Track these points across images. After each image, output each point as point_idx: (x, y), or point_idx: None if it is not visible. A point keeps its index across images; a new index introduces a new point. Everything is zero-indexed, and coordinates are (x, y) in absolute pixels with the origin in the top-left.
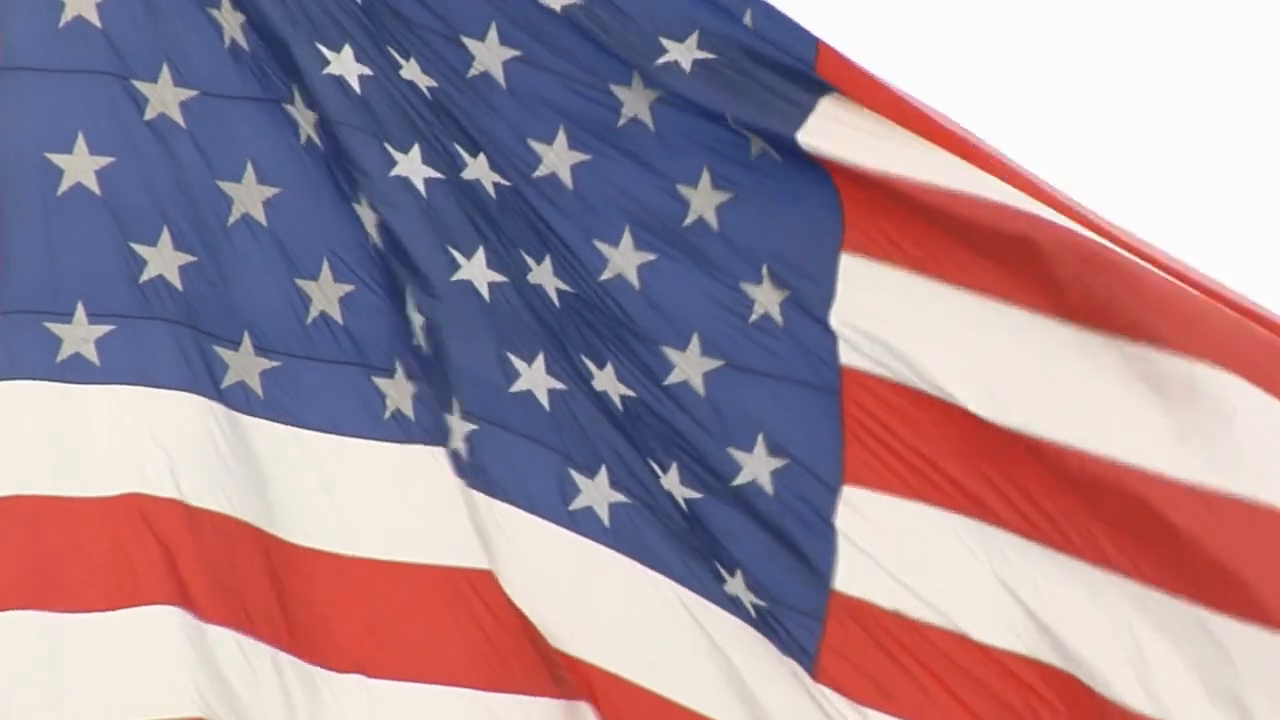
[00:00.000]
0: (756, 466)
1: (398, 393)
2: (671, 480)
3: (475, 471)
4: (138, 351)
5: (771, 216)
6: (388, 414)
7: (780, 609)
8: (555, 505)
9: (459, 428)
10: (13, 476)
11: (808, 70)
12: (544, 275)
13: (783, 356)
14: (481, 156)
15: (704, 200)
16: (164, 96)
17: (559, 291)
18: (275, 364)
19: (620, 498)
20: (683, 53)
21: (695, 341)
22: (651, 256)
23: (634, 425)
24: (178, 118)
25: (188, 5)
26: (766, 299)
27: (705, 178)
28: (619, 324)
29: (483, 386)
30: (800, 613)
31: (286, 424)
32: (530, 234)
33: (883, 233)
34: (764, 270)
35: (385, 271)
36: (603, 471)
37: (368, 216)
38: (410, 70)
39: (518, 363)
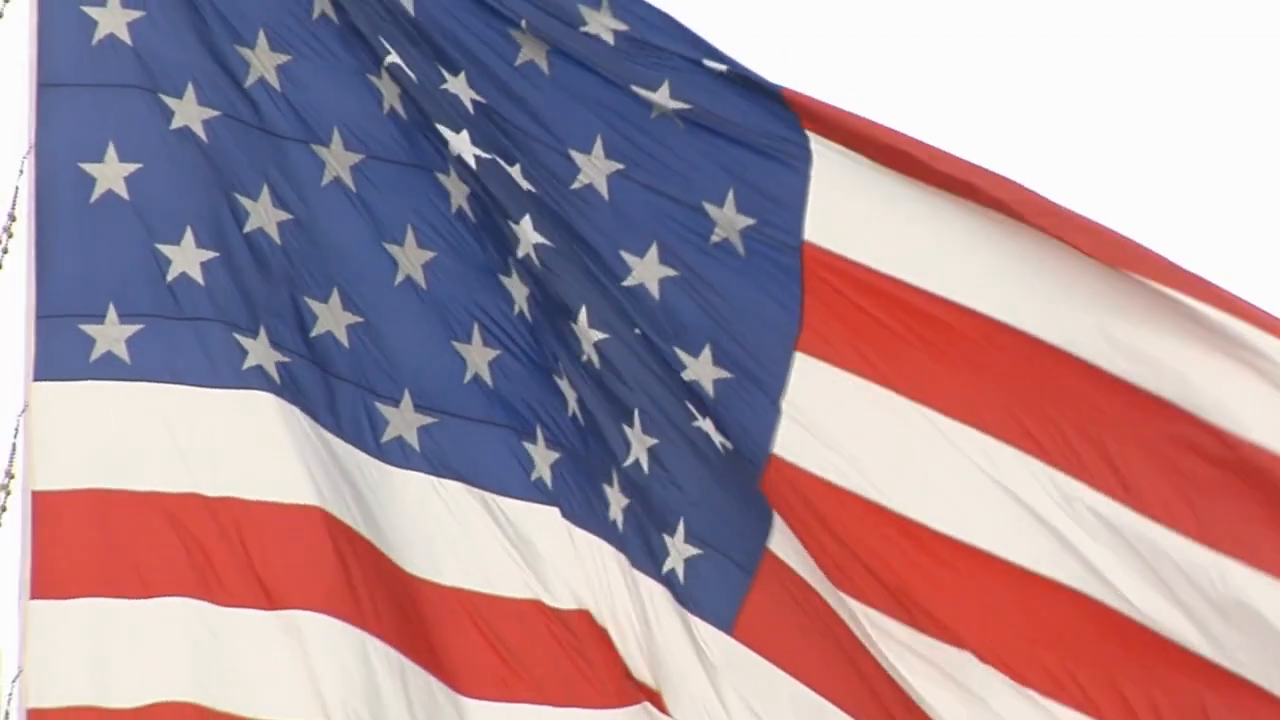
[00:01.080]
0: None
1: (541, 459)
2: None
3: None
4: (167, 350)
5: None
6: (534, 476)
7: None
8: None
9: (617, 500)
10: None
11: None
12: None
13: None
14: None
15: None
16: (188, 112)
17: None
18: (434, 420)
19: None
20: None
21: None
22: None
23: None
24: (200, 133)
25: (352, 74)
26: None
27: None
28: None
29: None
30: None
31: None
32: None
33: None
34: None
35: (534, 341)
36: None
37: (519, 290)
38: (515, 173)
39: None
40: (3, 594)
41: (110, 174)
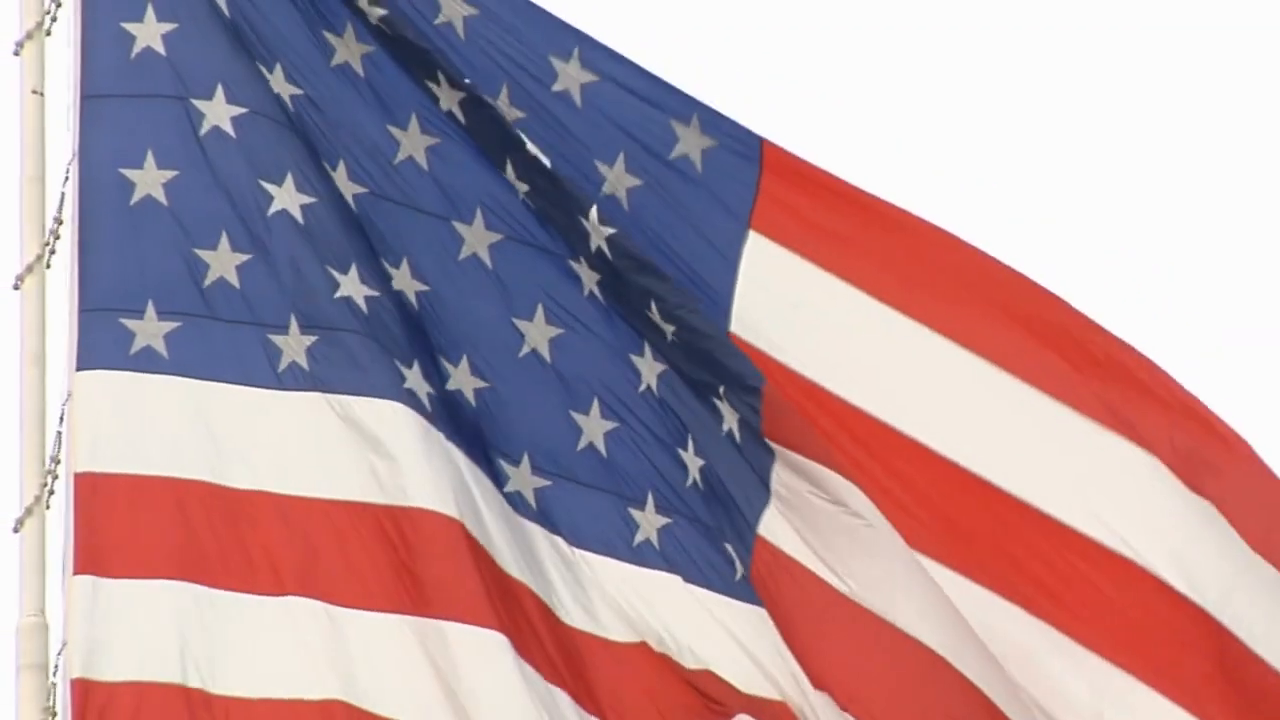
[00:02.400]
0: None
1: (648, 524)
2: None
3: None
4: (204, 348)
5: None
6: (637, 540)
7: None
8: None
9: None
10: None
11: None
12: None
13: None
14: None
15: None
16: (217, 111)
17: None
18: (549, 482)
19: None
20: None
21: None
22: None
23: None
24: (229, 130)
25: (489, 165)
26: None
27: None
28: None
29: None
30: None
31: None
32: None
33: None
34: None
35: (659, 414)
36: None
37: (649, 368)
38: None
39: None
40: (53, 571)
41: (149, 180)
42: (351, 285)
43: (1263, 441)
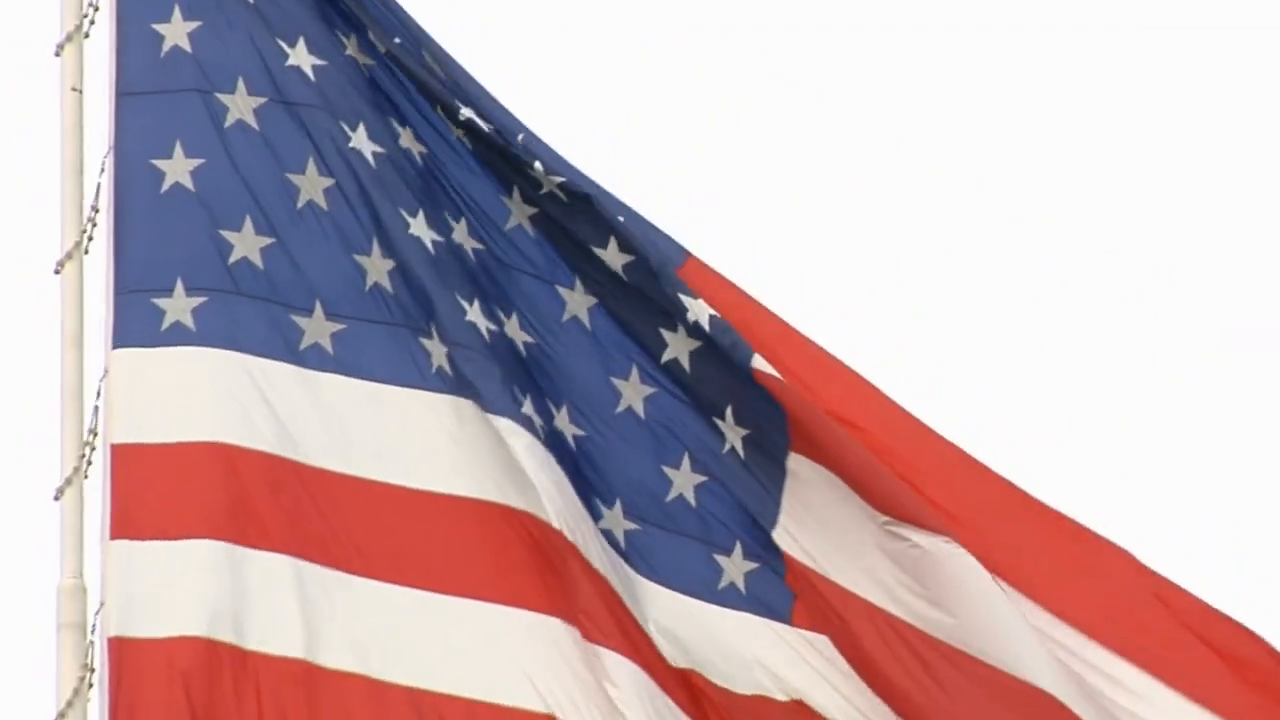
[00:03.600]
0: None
1: (734, 569)
2: None
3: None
4: (229, 321)
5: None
6: (722, 584)
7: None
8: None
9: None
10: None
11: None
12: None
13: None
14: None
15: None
16: (239, 104)
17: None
18: (639, 527)
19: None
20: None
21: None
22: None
23: None
24: (252, 123)
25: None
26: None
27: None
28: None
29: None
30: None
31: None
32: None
33: None
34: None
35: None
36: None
37: (733, 433)
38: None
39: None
40: (91, 536)
41: (178, 169)
42: (376, 270)
43: (1263, 441)
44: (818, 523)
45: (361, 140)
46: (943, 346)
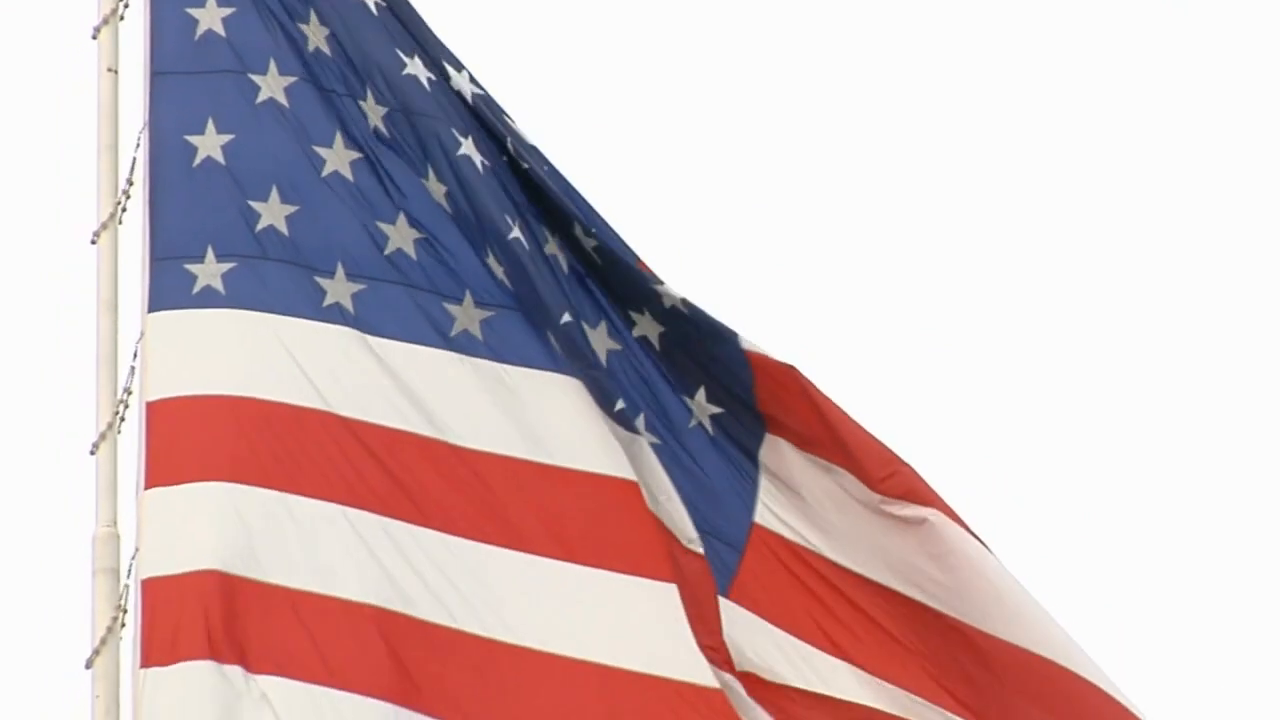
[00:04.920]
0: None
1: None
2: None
3: None
4: (256, 283)
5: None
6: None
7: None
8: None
9: None
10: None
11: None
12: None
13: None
14: None
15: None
16: (271, 84)
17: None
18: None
19: None
20: None
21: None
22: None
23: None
24: (283, 100)
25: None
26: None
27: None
28: None
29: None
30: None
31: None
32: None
33: None
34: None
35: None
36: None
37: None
38: None
39: None
40: (124, 488)
41: (209, 143)
42: (399, 236)
43: (1262, 441)
44: (799, 499)
45: (375, 115)
46: (943, 347)
